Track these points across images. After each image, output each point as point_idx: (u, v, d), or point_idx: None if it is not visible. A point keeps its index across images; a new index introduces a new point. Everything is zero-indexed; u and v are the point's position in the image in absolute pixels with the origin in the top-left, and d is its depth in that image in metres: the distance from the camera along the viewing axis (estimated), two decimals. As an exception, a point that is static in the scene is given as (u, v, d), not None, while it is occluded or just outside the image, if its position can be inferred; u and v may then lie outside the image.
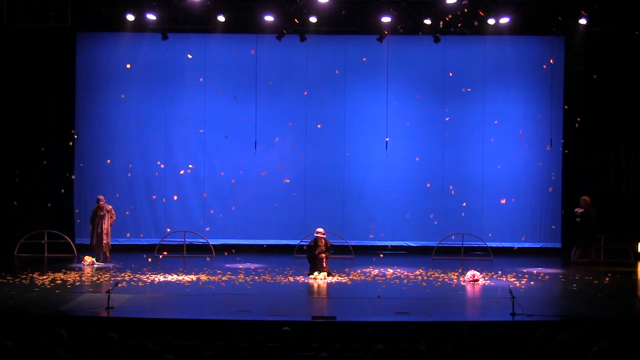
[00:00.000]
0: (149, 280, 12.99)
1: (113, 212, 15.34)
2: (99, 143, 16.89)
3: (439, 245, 16.24)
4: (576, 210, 15.50)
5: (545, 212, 17.06)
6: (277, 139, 16.82)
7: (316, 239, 13.95)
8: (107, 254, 15.23)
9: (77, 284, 12.62)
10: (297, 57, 16.78)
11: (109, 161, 16.62)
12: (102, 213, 15.16)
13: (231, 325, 8.95)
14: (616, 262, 15.66)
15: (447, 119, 16.81)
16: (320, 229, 14.13)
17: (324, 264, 13.69)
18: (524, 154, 16.99)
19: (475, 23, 15.22)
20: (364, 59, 16.67)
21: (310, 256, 13.88)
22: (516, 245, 16.79)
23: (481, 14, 15.15)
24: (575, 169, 16.77)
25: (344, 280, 13.39)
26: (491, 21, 15.35)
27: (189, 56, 16.52)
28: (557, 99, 16.91)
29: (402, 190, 16.83)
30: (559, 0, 15.21)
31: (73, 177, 16.62)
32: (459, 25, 15.11)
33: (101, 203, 15.24)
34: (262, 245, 17.06)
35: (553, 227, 16.89)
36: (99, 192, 16.64)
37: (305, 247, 14.47)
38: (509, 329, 8.51)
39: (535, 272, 14.47)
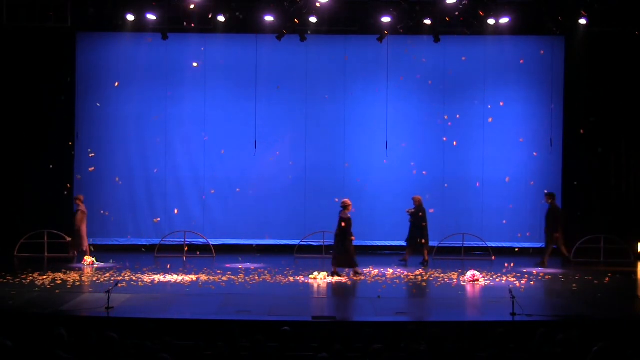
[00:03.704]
0: (149, 280, 12.99)
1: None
2: (99, 143, 16.88)
3: (439, 245, 16.25)
4: (407, 210, 15.41)
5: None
6: (278, 153, 16.84)
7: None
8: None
9: (77, 284, 12.63)
10: (297, 57, 16.77)
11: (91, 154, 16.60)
12: (83, 212, 15.18)
13: (231, 325, 8.96)
14: (616, 262, 15.66)
15: (450, 123, 16.79)
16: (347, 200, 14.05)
17: None
18: (524, 153, 16.98)
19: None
20: (346, 57, 16.71)
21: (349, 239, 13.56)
22: (516, 245, 16.78)
23: (481, 14, 15.15)
24: (575, 169, 16.77)
25: (344, 280, 13.39)
26: (491, 21, 15.35)
27: (195, 64, 16.52)
28: (557, 99, 16.91)
29: (403, 190, 16.80)
30: (559, 0, 15.21)
31: (79, 177, 16.59)
32: (461, 20, 15.10)
33: (81, 203, 15.27)
34: (262, 244, 17.05)
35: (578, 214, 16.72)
36: (99, 192, 16.74)
37: (343, 225, 13.68)
38: (509, 329, 8.51)
39: (535, 272, 14.48)
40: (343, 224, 13.69)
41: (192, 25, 15.49)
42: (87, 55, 16.91)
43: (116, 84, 16.53)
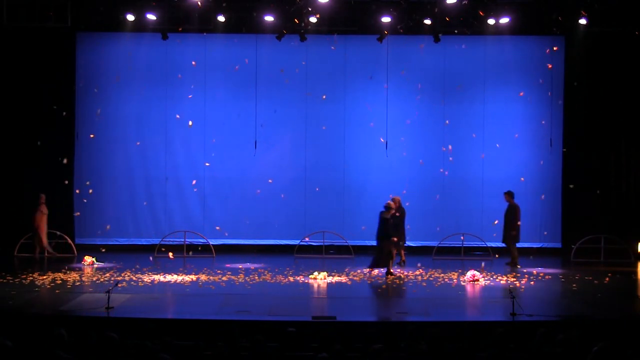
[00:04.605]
0: (149, 280, 13.00)
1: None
2: (98, 143, 16.88)
3: (439, 245, 16.25)
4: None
5: (545, 212, 17.06)
6: (271, 180, 16.82)
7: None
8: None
9: (77, 284, 12.63)
10: (297, 57, 16.76)
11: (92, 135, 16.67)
12: (42, 212, 15.15)
13: (231, 325, 8.96)
14: (616, 262, 15.67)
15: (447, 122, 16.80)
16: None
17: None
18: (524, 153, 16.98)
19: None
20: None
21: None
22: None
23: (481, 14, 15.15)
24: (575, 169, 16.76)
25: (344, 280, 13.39)
26: (491, 21, 15.35)
27: (194, 63, 16.56)
28: (557, 99, 16.91)
29: (402, 189, 16.79)
30: (559, 0, 15.21)
31: (90, 190, 16.59)
32: (461, 20, 15.12)
33: (42, 203, 15.26)
34: (262, 244, 17.05)
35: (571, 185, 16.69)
36: (100, 192, 16.72)
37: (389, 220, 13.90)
38: (509, 329, 8.51)
39: (535, 272, 14.47)
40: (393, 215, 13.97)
41: (191, 24, 15.53)
42: (87, 55, 16.91)
43: (117, 78, 16.57)
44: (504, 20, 15.31)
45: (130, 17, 15.43)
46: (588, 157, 16.70)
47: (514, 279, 13.53)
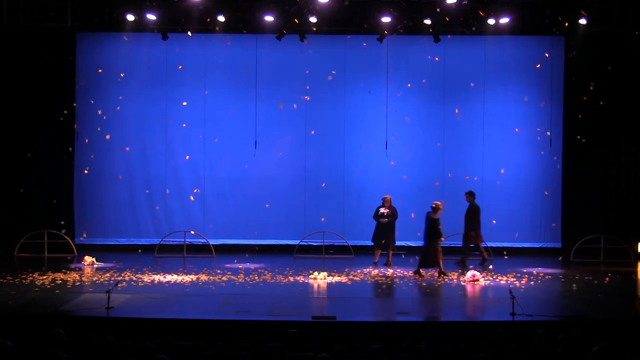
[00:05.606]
0: (149, 280, 12.99)
1: None
2: (98, 143, 16.86)
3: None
4: (382, 211, 15.23)
5: (545, 212, 17.05)
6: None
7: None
8: None
9: (77, 284, 12.62)
10: (297, 57, 16.75)
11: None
12: None
13: (231, 325, 8.97)
14: (616, 262, 15.67)
15: (457, 112, 16.77)
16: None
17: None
18: (524, 154, 16.98)
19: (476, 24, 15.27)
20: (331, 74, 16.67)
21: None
22: (514, 245, 16.75)
23: (481, 14, 15.16)
24: (575, 169, 16.76)
25: (344, 280, 13.39)
26: (491, 21, 15.36)
27: (179, 67, 16.61)
28: (557, 99, 16.90)
29: (402, 190, 16.79)
30: (559, 0, 15.20)
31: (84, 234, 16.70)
32: (461, 20, 15.13)
33: None
34: (262, 244, 17.04)
35: (553, 225, 16.83)
36: (100, 192, 16.72)
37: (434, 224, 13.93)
38: (509, 329, 8.52)
39: (535, 272, 14.47)
40: (436, 219, 13.93)
41: (192, 25, 15.54)
42: (87, 55, 16.90)
43: (122, 74, 16.56)
44: (504, 20, 15.31)
45: (130, 17, 15.43)
46: (588, 157, 16.69)
47: (514, 279, 13.52)
